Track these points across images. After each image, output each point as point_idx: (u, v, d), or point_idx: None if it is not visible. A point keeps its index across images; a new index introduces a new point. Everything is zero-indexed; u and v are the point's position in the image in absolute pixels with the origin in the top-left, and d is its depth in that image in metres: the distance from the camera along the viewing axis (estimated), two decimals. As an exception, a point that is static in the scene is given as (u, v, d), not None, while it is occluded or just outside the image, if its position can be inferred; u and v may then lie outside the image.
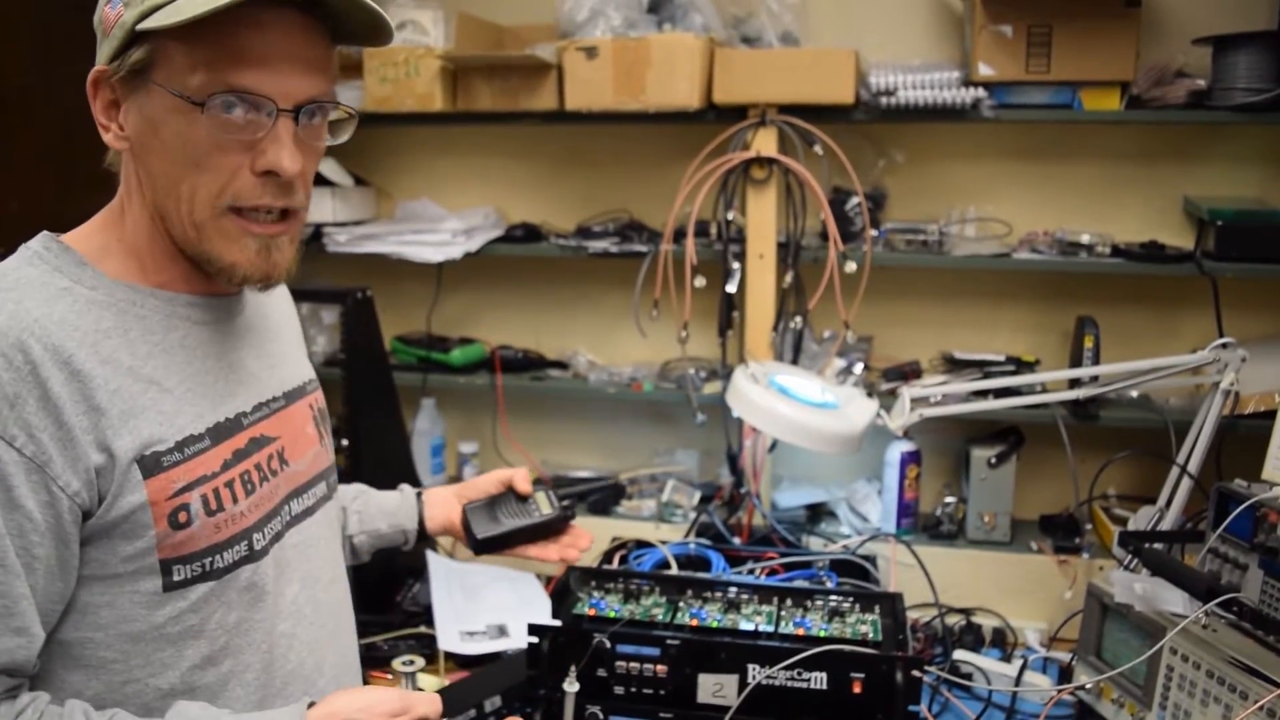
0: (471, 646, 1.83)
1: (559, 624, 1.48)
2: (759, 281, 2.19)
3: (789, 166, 2.13)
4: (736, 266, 2.20)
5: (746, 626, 1.50)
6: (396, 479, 1.53)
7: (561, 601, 1.56)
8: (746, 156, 2.13)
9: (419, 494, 1.47)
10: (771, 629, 1.49)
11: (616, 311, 2.41)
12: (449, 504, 1.46)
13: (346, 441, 2.00)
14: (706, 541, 1.86)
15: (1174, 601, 1.48)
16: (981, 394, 1.95)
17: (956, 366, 2.20)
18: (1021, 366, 2.16)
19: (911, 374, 2.21)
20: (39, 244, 1.01)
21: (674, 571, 1.71)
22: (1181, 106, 1.99)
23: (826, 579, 1.71)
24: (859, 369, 2.20)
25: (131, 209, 1.03)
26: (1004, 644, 1.93)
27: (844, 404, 1.90)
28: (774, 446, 2.20)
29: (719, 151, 2.16)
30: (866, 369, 2.22)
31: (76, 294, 0.98)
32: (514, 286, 2.54)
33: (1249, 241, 1.95)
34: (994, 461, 2.08)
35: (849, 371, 2.19)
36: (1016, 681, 1.71)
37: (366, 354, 2.07)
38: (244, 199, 0.99)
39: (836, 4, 2.25)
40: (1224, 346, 1.70)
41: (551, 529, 1.44)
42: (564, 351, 2.48)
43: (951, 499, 2.17)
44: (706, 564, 1.75)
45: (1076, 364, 2.03)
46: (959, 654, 1.80)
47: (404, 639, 1.89)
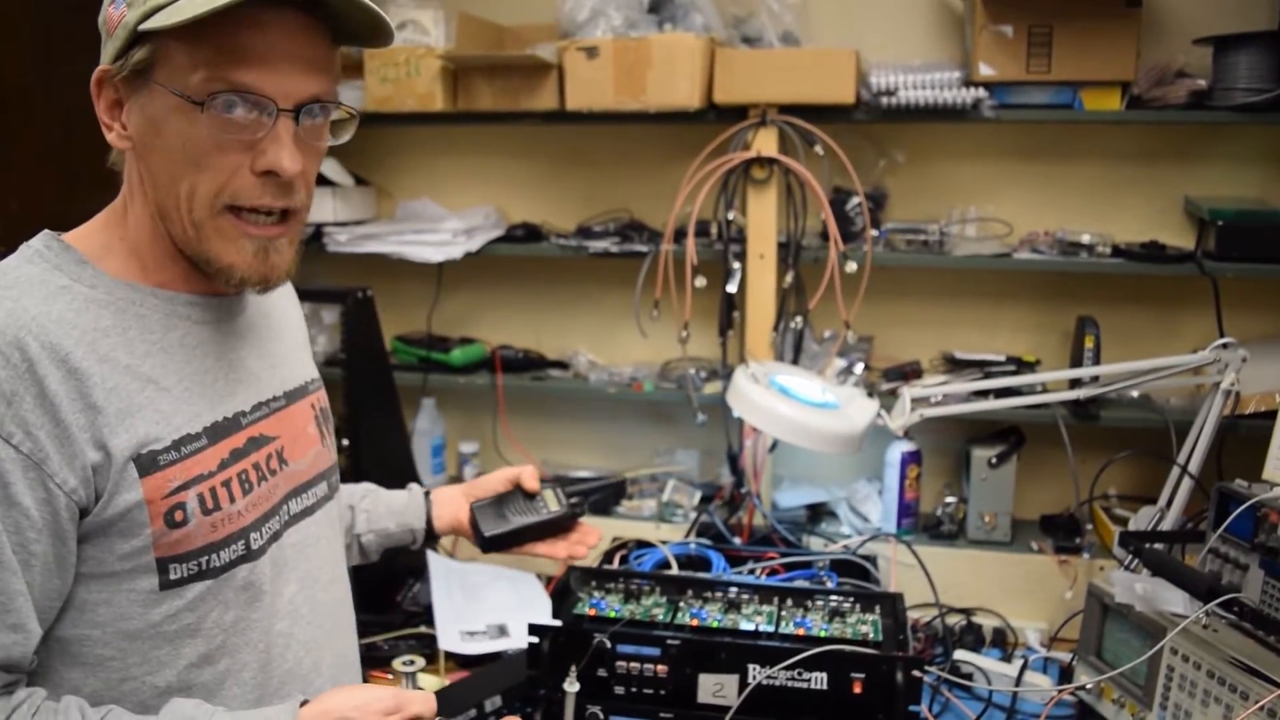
0: (472, 646, 1.83)
1: (559, 624, 1.48)
2: (759, 281, 2.19)
3: (789, 166, 2.13)
4: (737, 266, 2.19)
5: (747, 626, 1.50)
6: (397, 479, 1.53)
7: (562, 601, 1.56)
8: (747, 156, 2.13)
9: (427, 493, 1.47)
10: (772, 629, 1.49)
11: (617, 311, 2.41)
12: (457, 503, 1.45)
13: (347, 441, 2.00)
14: (707, 541, 1.85)
15: (1174, 602, 1.48)
16: (982, 394, 1.95)
17: (957, 366, 2.20)
18: (1022, 366, 2.16)
19: (912, 374, 2.21)
20: (40, 242, 1.01)
21: (674, 571, 1.71)
22: (1182, 106, 1.99)
23: (827, 579, 1.70)
24: (859, 369, 2.20)
25: (133, 208, 1.04)
26: (1004, 644, 1.92)
27: (844, 404, 1.90)
28: (774, 446, 2.20)
29: (719, 151, 2.15)
30: (867, 369, 2.22)
31: (75, 292, 0.98)
32: (514, 286, 2.54)
33: (1250, 241, 1.95)
34: (994, 461, 2.08)
35: (849, 371, 2.19)
36: (1017, 682, 1.71)
37: (367, 354, 2.07)
38: (243, 198, 0.99)
39: (837, 4, 2.25)
40: (1224, 346, 1.70)
41: (560, 526, 1.44)
42: (564, 351, 2.48)
43: (952, 499, 2.17)
44: (707, 564, 1.75)
45: (1077, 364, 2.03)
46: (959, 654, 1.80)
47: (404, 639, 1.89)
